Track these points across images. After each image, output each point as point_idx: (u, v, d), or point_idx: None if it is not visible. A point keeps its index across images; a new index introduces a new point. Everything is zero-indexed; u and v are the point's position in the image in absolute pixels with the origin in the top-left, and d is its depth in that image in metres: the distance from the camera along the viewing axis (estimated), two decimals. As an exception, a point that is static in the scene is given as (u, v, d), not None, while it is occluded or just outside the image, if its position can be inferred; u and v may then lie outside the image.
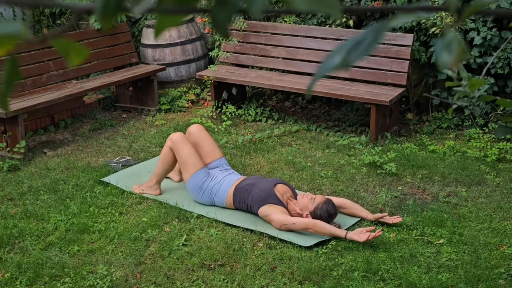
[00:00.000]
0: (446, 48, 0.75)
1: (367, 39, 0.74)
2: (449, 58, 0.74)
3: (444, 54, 0.75)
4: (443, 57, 0.75)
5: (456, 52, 0.73)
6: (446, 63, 0.74)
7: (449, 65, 0.75)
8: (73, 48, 0.77)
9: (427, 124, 6.08)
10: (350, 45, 0.75)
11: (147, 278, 3.65)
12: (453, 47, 0.74)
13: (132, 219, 4.33)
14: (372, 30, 0.75)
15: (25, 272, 3.72)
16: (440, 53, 0.75)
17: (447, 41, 0.75)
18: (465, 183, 4.81)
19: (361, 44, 0.74)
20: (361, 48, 0.74)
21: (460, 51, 0.73)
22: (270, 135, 5.90)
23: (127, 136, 6.06)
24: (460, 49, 0.73)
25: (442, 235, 4.01)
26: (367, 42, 0.74)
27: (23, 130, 5.53)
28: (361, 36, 0.75)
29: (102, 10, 0.70)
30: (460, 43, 0.74)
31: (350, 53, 0.74)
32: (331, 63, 0.75)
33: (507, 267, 3.67)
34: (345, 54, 0.74)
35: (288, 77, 6.32)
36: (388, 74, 5.91)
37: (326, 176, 4.95)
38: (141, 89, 6.82)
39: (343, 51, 0.75)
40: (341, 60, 0.74)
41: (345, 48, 0.75)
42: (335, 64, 0.75)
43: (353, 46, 0.74)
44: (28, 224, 4.27)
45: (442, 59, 0.75)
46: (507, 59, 5.66)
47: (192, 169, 4.50)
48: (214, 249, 3.90)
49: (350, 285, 3.50)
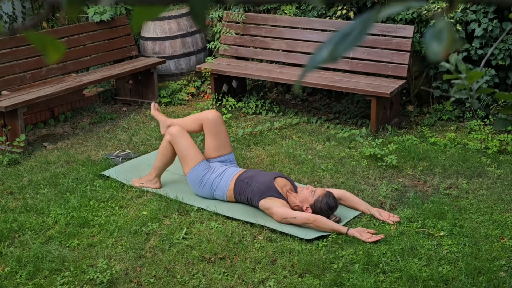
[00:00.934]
0: (436, 38, 0.73)
1: (355, 30, 0.72)
2: (439, 48, 0.72)
3: (434, 44, 0.72)
4: (433, 47, 0.73)
5: (446, 41, 0.71)
6: (436, 53, 0.72)
7: (439, 55, 0.73)
8: (50, 43, 0.73)
9: (428, 116, 6.06)
10: (337, 37, 0.73)
11: (147, 272, 3.64)
12: (443, 36, 0.72)
13: (132, 213, 4.32)
14: (360, 21, 0.73)
15: (25, 266, 3.72)
16: (430, 42, 0.73)
17: (437, 30, 0.72)
18: (466, 175, 4.79)
19: (349, 36, 0.72)
20: (349, 40, 0.72)
21: (450, 40, 0.71)
22: (271, 128, 5.88)
23: (127, 129, 6.05)
24: (450, 38, 0.71)
25: (443, 227, 4.00)
26: (354, 33, 0.73)
27: (22, 124, 5.52)
28: (348, 28, 0.73)
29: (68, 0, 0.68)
30: (451, 32, 0.72)
31: (338, 46, 0.72)
32: (319, 57, 0.73)
33: (508, 259, 3.66)
34: (333, 47, 0.73)
35: (288, 70, 6.30)
36: (389, 66, 5.88)
37: (326, 169, 4.94)
38: (141, 82, 6.80)
39: (331, 44, 0.73)
40: (329, 53, 0.73)
41: (333, 41, 0.73)
42: (323, 58, 0.73)
43: (340, 39, 0.73)
44: (28, 218, 4.27)
45: (432, 49, 0.73)
46: (508, 51, 5.64)
47: (192, 162, 4.48)
48: (214, 242, 3.90)
49: (351, 277, 3.49)
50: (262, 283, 3.51)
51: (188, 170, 4.50)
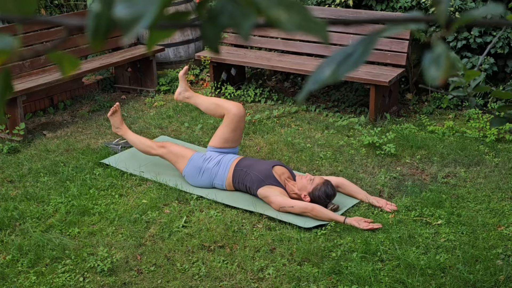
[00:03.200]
0: (435, 63, 0.74)
1: (357, 51, 0.74)
2: (438, 73, 0.74)
3: (433, 69, 0.74)
4: (431, 72, 0.74)
5: (444, 67, 0.73)
6: (435, 78, 0.74)
7: (437, 80, 0.74)
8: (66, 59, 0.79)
9: (427, 104, 6.08)
10: (340, 57, 0.74)
11: (147, 260, 3.67)
12: (442, 62, 0.74)
13: (132, 201, 4.34)
14: (362, 42, 0.75)
15: (26, 254, 3.75)
16: (429, 68, 0.75)
17: (435, 56, 0.74)
18: (464, 163, 4.82)
19: (351, 56, 0.74)
20: (351, 61, 0.73)
21: (448, 66, 0.73)
22: (269, 116, 5.89)
23: (126, 117, 6.06)
24: (448, 64, 0.73)
25: (441, 215, 4.03)
26: (357, 55, 0.74)
27: (22, 112, 5.53)
28: (351, 48, 0.75)
29: (93, 32, 0.71)
30: (448, 58, 0.74)
31: (340, 66, 0.74)
32: (322, 76, 0.75)
33: (505, 247, 3.70)
34: (335, 67, 0.74)
35: (287, 58, 6.30)
36: (388, 54, 5.89)
37: (325, 157, 4.96)
38: (140, 70, 6.80)
39: (333, 64, 0.75)
40: (331, 73, 0.74)
41: (335, 61, 0.75)
42: (325, 77, 0.75)
43: (343, 59, 0.74)
44: (28, 206, 4.29)
45: (430, 74, 0.74)
46: (507, 39, 5.64)
47: (186, 157, 4.53)
48: (214, 230, 3.93)
49: (349, 266, 3.53)
50: (261, 271, 3.54)
51: (184, 164, 4.51)
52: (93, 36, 0.70)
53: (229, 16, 0.67)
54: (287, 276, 3.47)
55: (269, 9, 0.67)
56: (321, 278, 3.45)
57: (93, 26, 0.71)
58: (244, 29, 0.67)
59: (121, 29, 0.69)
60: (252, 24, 0.68)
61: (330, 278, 3.46)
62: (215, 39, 0.70)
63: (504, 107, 1.08)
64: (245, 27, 0.67)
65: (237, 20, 0.67)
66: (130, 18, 0.66)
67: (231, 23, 0.67)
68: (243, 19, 0.67)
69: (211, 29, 0.69)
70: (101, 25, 0.71)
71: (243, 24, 0.67)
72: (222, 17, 0.67)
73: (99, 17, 0.70)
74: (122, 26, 0.67)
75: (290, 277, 3.46)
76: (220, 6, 0.67)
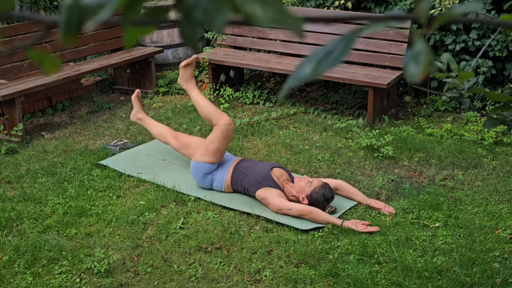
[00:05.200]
0: (414, 60, 0.74)
1: (338, 49, 0.74)
2: (417, 70, 0.74)
3: (412, 66, 0.74)
4: (410, 69, 0.74)
5: (423, 64, 0.73)
6: (414, 75, 0.74)
7: (416, 77, 0.74)
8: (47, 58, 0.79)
9: (425, 107, 6.08)
10: (321, 54, 0.74)
11: (144, 261, 3.67)
12: (421, 59, 0.74)
13: (130, 202, 4.34)
14: (342, 39, 0.75)
15: (23, 255, 3.74)
16: (408, 64, 0.75)
17: (415, 53, 0.74)
18: (461, 166, 4.82)
19: (332, 54, 0.74)
20: (332, 58, 0.73)
21: (427, 63, 0.73)
22: (268, 118, 5.90)
23: (124, 119, 6.06)
24: (427, 61, 0.73)
25: (438, 218, 4.03)
26: (337, 52, 0.74)
27: (20, 113, 5.53)
28: (331, 45, 0.75)
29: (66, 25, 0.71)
30: (428, 55, 0.73)
31: (321, 63, 0.74)
32: (302, 73, 0.75)
33: (502, 250, 3.70)
34: (316, 64, 0.74)
35: (285, 60, 6.30)
36: (386, 56, 5.89)
37: (323, 159, 4.96)
38: (139, 71, 6.80)
39: (314, 61, 0.75)
40: (312, 70, 0.74)
41: (316, 58, 0.74)
42: (305, 74, 0.75)
43: (324, 56, 0.74)
44: (26, 207, 4.29)
45: (409, 71, 0.74)
46: (505, 42, 5.64)
47: (209, 158, 4.41)
48: (211, 232, 3.92)
49: (346, 268, 3.52)
50: (258, 273, 3.54)
51: (199, 159, 4.44)
52: (65, 29, 0.70)
53: (203, 11, 0.68)
54: (284, 278, 3.47)
55: (244, 3, 0.68)
56: (318, 280, 3.45)
57: (65, 19, 0.70)
58: (218, 24, 0.67)
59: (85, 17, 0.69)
60: (226, 19, 0.68)
61: (327, 280, 3.45)
62: (192, 35, 0.70)
63: (497, 109, 1.08)
64: (219, 22, 0.67)
65: (211, 15, 0.67)
66: (96, 5, 0.67)
67: (206, 18, 0.67)
68: (217, 14, 0.67)
69: (187, 26, 0.69)
70: (73, 17, 0.71)
71: (217, 19, 0.67)
72: (196, 12, 0.68)
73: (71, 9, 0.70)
74: (87, 13, 0.68)
75: (287, 279, 3.46)
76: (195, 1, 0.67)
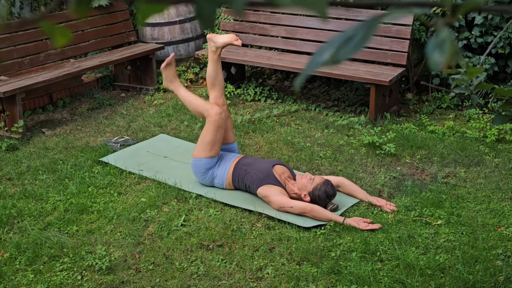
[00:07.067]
0: (439, 48, 0.72)
1: (358, 35, 0.72)
2: (441, 58, 0.71)
3: (436, 54, 0.72)
4: (435, 57, 0.72)
5: (448, 52, 0.71)
6: (438, 64, 0.72)
7: (440, 65, 0.72)
8: (58, 30, 0.77)
9: (427, 104, 6.06)
10: (340, 40, 0.72)
11: (146, 258, 3.66)
12: (446, 47, 0.72)
13: (131, 199, 4.33)
14: (363, 26, 0.73)
15: (24, 252, 3.73)
16: (432, 53, 0.73)
17: (439, 41, 0.72)
18: (464, 163, 4.80)
19: (352, 40, 0.72)
20: (352, 45, 0.71)
21: (452, 51, 0.71)
22: (269, 115, 5.88)
23: (125, 115, 6.04)
24: (452, 49, 0.71)
25: (440, 215, 4.02)
26: (358, 38, 0.72)
27: (21, 110, 5.51)
28: (352, 31, 0.73)
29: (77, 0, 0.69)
30: (452, 44, 0.71)
31: (340, 50, 0.72)
32: (320, 59, 0.73)
33: (505, 248, 3.68)
34: (335, 50, 0.72)
35: (287, 57, 6.28)
36: (388, 53, 5.87)
37: (325, 156, 4.95)
38: (140, 68, 6.78)
39: (333, 47, 0.72)
40: (331, 56, 0.72)
41: (335, 44, 0.72)
42: (324, 60, 0.72)
43: (343, 42, 0.72)
44: (27, 204, 4.28)
45: (434, 59, 0.72)
46: (508, 39, 5.62)
47: (208, 153, 4.39)
48: (213, 229, 3.91)
49: (348, 265, 3.51)
50: (260, 271, 3.52)
51: (198, 156, 4.42)
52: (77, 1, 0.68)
53: None
54: (286, 276, 3.45)
55: None
56: (320, 277, 3.43)
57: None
58: (238, 3, 0.65)
59: None
60: None
61: (329, 277, 3.44)
62: (210, 15, 0.68)
63: (506, 105, 1.06)
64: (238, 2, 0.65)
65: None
66: None
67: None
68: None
69: (205, 5, 0.67)
70: None
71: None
72: None
73: None
74: None
75: (289, 277, 3.44)
76: None
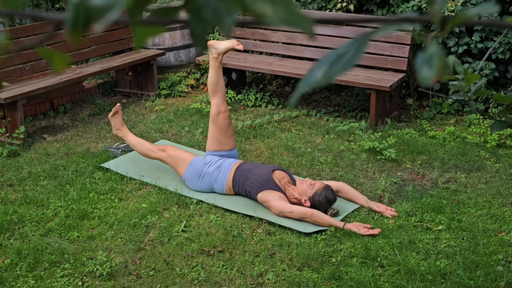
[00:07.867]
0: (427, 63, 0.73)
1: (349, 52, 0.73)
2: (430, 73, 0.72)
3: (425, 69, 0.73)
4: (424, 72, 0.73)
5: (437, 67, 0.72)
6: (427, 78, 0.73)
7: (429, 80, 0.73)
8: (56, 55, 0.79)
9: (427, 109, 6.07)
10: (332, 58, 0.73)
11: (147, 264, 3.66)
12: (434, 62, 0.73)
13: (132, 205, 4.33)
14: (354, 43, 0.74)
15: (25, 258, 3.73)
16: (421, 67, 0.74)
17: (428, 56, 0.73)
18: (464, 168, 4.81)
19: (343, 57, 0.73)
20: (343, 62, 0.72)
21: (441, 66, 0.72)
22: (270, 121, 5.89)
23: (126, 121, 6.05)
24: (441, 64, 0.72)
25: (441, 221, 4.02)
26: (349, 56, 0.73)
27: (22, 116, 5.52)
28: (343, 49, 0.74)
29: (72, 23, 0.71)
30: (441, 58, 0.72)
31: (332, 67, 0.73)
32: (313, 77, 0.74)
33: (506, 253, 3.68)
34: (327, 68, 0.73)
35: (288, 62, 6.30)
36: (389, 59, 5.88)
37: (325, 162, 4.95)
38: (141, 74, 6.79)
39: (325, 65, 0.73)
40: (323, 74, 0.73)
41: (327, 62, 0.73)
42: (317, 79, 0.74)
43: (335, 60, 0.73)
44: (28, 210, 4.28)
45: (422, 74, 0.73)
46: (508, 44, 5.63)
47: (187, 162, 4.52)
48: (214, 235, 3.91)
49: (349, 271, 3.51)
50: (261, 276, 3.52)
51: (184, 168, 4.50)
52: (72, 27, 0.70)
53: (212, 11, 0.67)
54: (287, 281, 3.45)
55: (254, 3, 0.67)
56: (321, 283, 3.43)
57: (72, 16, 0.70)
58: (227, 24, 0.66)
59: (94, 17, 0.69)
60: (234, 19, 0.67)
61: (330, 283, 3.44)
62: (202, 35, 0.69)
63: (504, 112, 1.07)
64: (227, 22, 0.66)
65: (220, 15, 0.67)
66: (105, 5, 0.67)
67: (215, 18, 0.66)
68: (226, 14, 0.66)
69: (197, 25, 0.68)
70: (80, 15, 0.70)
71: (225, 19, 0.66)
72: (205, 12, 0.67)
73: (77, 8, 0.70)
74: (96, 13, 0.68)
75: (289, 282, 3.44)
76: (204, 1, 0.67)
